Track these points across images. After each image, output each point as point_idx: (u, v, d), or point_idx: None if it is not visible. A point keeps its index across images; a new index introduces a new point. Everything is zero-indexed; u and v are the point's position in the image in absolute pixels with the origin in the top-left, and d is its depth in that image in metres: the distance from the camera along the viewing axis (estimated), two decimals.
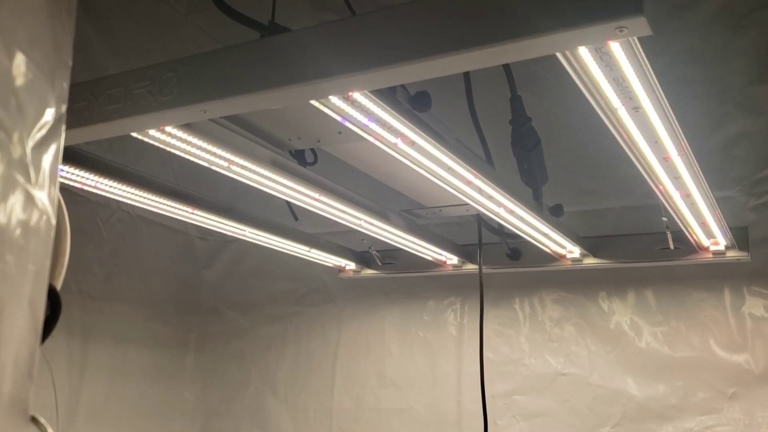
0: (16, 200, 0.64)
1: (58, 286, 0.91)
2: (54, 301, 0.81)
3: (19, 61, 0.63)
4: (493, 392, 2.35)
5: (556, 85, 1.71)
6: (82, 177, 1.52)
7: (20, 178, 0.64)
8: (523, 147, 1.63)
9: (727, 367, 2.10)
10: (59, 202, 0.76)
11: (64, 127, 0.73)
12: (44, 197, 0.69)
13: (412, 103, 1.15)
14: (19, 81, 0.63)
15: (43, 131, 0.69)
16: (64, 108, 0.73)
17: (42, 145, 0.69)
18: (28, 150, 0.66)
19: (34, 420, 0.77)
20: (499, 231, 2.02)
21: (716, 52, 2.13)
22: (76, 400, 2.51)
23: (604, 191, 2.28)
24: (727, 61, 2.12)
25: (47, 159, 0.70)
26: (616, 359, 2.25)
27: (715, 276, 2.14)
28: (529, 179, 1.68)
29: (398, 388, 2.59)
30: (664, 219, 1.73)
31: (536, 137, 1.63)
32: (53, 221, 0.71)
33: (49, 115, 0.70)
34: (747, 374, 2.07)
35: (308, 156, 1.67)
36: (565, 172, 2.18)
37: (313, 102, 1.06)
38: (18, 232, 0.65)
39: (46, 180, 0.70)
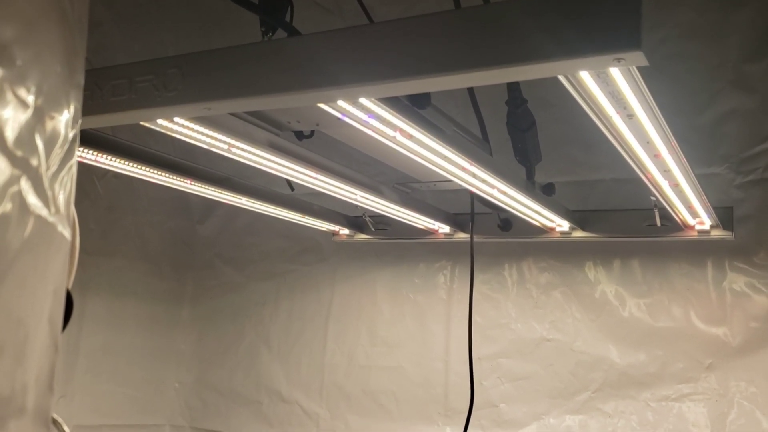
0: (36, 229, 0.65)
1: (69, 285, 0.95)
2: (67, 300, 0.84)
3: (40, 102, 0.64)
4: (479, 354, 2.42)
5: None
6: (83, 151, 1.54)
7: (40, 208, 0.66)
8: (518, 128, 1.65)
9: (706, 339, 2.17)
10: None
11: (77, 145, 0.75)
12: (63, 220, 0.70)
13: (412, 101, 1.17)
14: (38, 120, 0.64)
15: (60, 156, 0.70)
16: (77, 127, 0.74)
17: (59, 170, 0.70)
18: (47, 180, 0.68)
19: (54, 422, 0.82)
20: (491, 204, 2.05)
21: (712, 27, 2.12)
22: (75, 353, 2.58)
23: (595, 162, 2.30)
24: (722, 37, 2.12)
25: (64, 181, 0.71)
26: (599, 327, 2.32)
27: (699, 251, 2.19)
28: (522, 158, 1.71)
29: (388, 347, 2.66)
30: (653, 198, 1.77)
31: (531, 118, 1.66)
32: (70, 239, 0.74)
33: (65, 140, 0.71)
34: (724, 346, 2.15)
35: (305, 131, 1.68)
36: (558, 143, 2.19)
37: None
38: (39, 258, 0.67)
39: (63, 202, 0.71)
